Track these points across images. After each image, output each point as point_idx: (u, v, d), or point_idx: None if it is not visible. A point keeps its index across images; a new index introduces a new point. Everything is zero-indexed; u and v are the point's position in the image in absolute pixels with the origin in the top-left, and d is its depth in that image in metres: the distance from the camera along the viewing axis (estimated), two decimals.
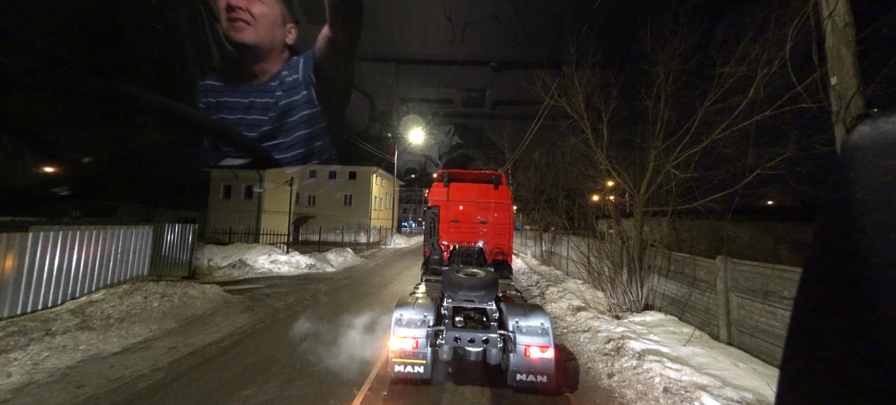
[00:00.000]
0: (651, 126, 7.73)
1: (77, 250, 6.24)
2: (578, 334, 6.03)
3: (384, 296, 9.45)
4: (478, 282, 4.50)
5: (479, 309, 4.47)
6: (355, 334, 6.11)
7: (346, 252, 17.05)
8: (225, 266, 11.67)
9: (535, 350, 3.85)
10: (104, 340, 5.03)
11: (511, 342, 3.92)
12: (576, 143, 9.94)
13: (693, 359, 4.30)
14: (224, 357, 5.07)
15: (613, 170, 8.07)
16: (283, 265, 12.66)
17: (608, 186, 8.86)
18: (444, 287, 4.73)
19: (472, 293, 4.46)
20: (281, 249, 14.11)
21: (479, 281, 4.53)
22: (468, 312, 4.45)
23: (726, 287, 4.84)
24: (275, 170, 24.67)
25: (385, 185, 35.04)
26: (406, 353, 3.98)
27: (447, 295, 4.60)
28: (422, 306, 4.26)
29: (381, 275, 13.14)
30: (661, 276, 6.82)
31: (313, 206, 30.37)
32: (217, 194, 23.96)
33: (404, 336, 3.99)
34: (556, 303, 8.02)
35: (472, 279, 4.56)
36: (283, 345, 5.58)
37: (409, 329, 4.02)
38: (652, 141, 7.32)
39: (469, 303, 4.47)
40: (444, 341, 4.02)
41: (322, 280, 11.59)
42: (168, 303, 6.64)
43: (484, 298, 4.48)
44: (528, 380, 3.86)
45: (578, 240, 11.80)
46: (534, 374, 3.87)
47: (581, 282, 10.54)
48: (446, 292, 4.63)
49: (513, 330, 3.96)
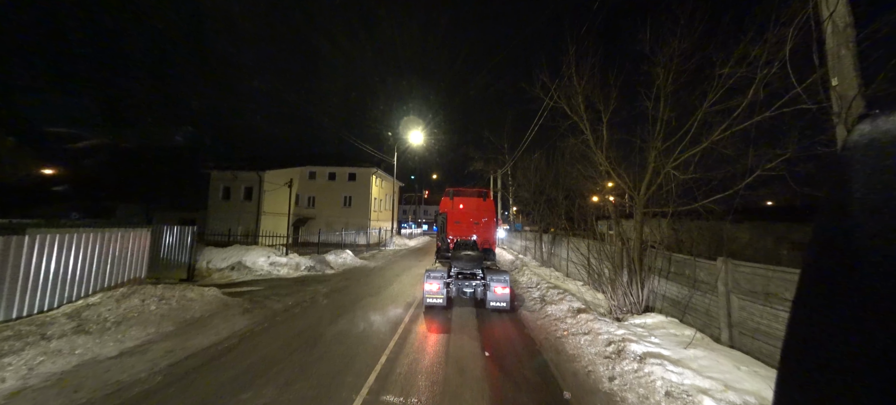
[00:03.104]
0: (650, 127, 7.72)
1: (74, 253, 6.19)
2: (579, 337, 6.00)
3: (384, 298, 9.41)
4: (471, 258, 8.47)
5: (472, 273, 8.28)
6: (354, 338, 6.08)
7: (346, 253, 17.01)
8: (224, 268, 11.62)
9: (499, 289, 7.61)
10: (101, 344, 4.99)
11: (488, 287, 7.68)
12: (575, 144, 9.92)
13: (695, 362, 4.26)
14: (222, 360, 5.04)
15: (613, 171, 8.06)
16: (282, 267, 12.62)
17: (608, 187, 8.83)
18: (452, 261, 8.62)
19: (468, 263, 8.34)
20: (280, 251, 14.07)
21: (472, 257, 8.50)
22: (465, 273, 8.28)
23: (727, 289, 4.81)
24: (274, 171, 24.61)
25: (385, 186, 35.01)
26: (433, 292, 7.62)
27: (454, 265, 8.47)
28: (441, 270, 8.08)
29: (381, 276, 13.10)
30: (661, 278, 6.79)
31: (313, 208, 30.32)
32: (216, 195, 23.89)
33: (432, 283, 7.62)
34: (556, 306, 7.99)
35: (469, 256, 8.50)
36: (282, 347, 5.55)
37: (434, 281, 7.63)
38: (651, 142, 7.31)
39: (466, 269, 8.32)
40: (452, 286, 7.97)
41: (321, 281, 11.55)
42: (166, 305, 6.60)
43: (474, 267, 8.33)
44: (496, 305, 7.68)
45: (578, 241, 11.78)
46: (499, 301, 7.64)
47: (581, 284, 10.51)
48: (453, 264, 8.51)
49: (489, 280, 7.69)
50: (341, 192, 30.63)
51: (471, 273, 8.28)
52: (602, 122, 8.82)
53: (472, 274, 8.26)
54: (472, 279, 8.10)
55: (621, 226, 8.57)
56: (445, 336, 6.32)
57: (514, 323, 7.32)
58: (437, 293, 7.60)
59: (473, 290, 8.00)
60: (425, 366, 4.95)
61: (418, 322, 7.20)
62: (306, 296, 9.37)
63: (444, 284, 7.66)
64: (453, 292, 8.03)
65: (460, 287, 7.99)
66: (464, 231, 12.45)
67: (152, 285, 7.10)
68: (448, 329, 6.76)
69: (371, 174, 30.50)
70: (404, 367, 4.90)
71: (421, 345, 5.80)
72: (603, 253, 8.08)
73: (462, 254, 8.61)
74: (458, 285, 8.00)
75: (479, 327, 6.90)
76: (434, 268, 8.22)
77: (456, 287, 8.01)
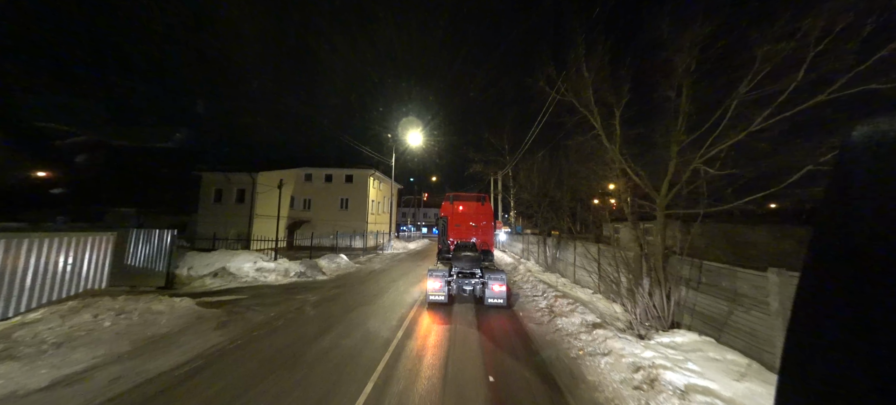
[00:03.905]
0: (671, 120, 6.93)
1: (12, 261, 5.38)
2: (597, 358, 5.18)
3: (378, 308, 8.59)
4: (471, 258, 8.96)
5: (472, 272, 8.75)
6: (341, 357, 5.27)
7: (340, 258, 16.19)
8: (206, 275, 10.80)
9: (496, 286, 8.15)
10: (30, 372, 4.17)
11: (486, 285, 8.20)
12: (584, 142, 9.13)
13: (752, 400, 3.45)
14: (179, 389, 4.22)
15: (630, 169, 7.26)
16: (270, 273, 11.80)
17: (621, 187, 8.03)
18: (453, 261, 9.15)
19: (467, 263, 8.88)
20: (268, 256, 13.25)
21: (471, 257, 8.98)
22: (465, 272, 8.75)
23: (783, 306, 3.99)
24: (268, 172, 23.81)
25: (383, 188, 34.21)
26: (435, 289, 8.23)
27: (454, 265, 9.00)
28: (442, 269, 8.74)
29: (376, 283, 12.28)
30: (690, 289, 5.97)
31: (309, 210, 29.50)
32: (208, 198, 23.06)
33: (435, 280, 8.23)
34: (567, 318, 7.17)
35: (468, 256, 8.98)
36: (256, 370, 4.73)
37: (436, 279, 8.23)
38: (674, 134, 6.52)
39: (466, 268, 8.82)
40: (453, 284, 8.57)
41: (311, 289, 10.73)
42: (125, 320, 5.78)
43: (473, 266, 8.85)
44: (494, 302, 8.19)
45: (587, 245, 10.97)
46: (496, 298, 8.17)
47: (591, 292, 9.68)
48: (454, 264, 9.03)
49: (487, 279, 8.22)
50: (338, 194, 29.82)
51: (470, 272, 8.89)
52: (614, 116, 8.06)
53: (471, 273, 8.88)
54: (471, 278, 8.74)
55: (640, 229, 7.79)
56: (443, 354, 5.51)
57: (520, 338, 6.49)
58: (439, 291, 8.31)
59: (473, 288, 8.70)
60: (420, 395, 4.14)
61: (413, 337, 6.39)
62: (292, 307, 8.56)
63: (445, 283, 8.38)
64: (454, 290, 8.75)
65: (460, 285, 8.66)
66: (463, 233, 12.96)
67: (111, 297, 6.28)
68: (446, 343, 5.94)
69: (368, 176, 29.71)
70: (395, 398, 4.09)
71: (415, 368, 4.99)
72: (617, 259, 7.28)
73: (462, 254, 9.15)
74: (459, 283, 8.67)
75: (481, 345, 6.08)
76: (436, 268, 8.93)
77: (456, 285, 8.69)
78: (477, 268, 8.91)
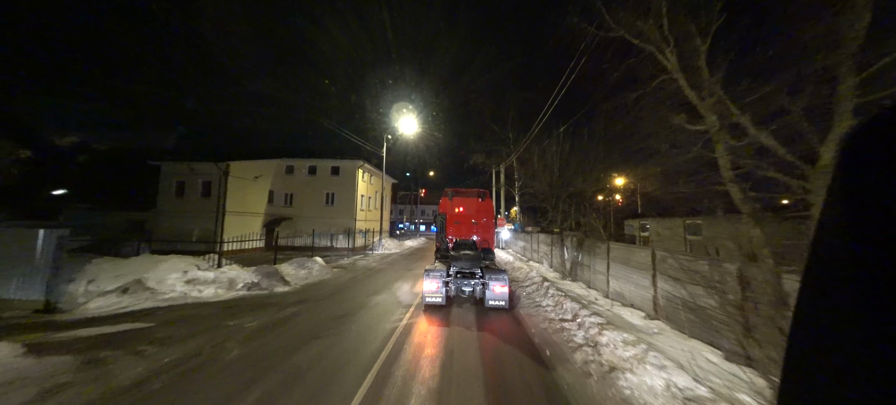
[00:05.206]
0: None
1: None
2: None
3: (346, 341, 5.74)
4: (470, 257, 8.55)
5: (471, 272, 8.40)
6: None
7: (313, 262, 13.31)
8: (112, 290, 7.91)
9: (498, 287, 7.76)
10: None
11: (487, 285, 7.81)
12: (641, 96, 6.24)
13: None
14: None
15: (738, 113, 4.40)
16: (207, 286, 8.91)
17: (713, 154, 5.15)
18: (452, 260, 8.68)
19: (467, 263, 8.48)
20: (209, 262, 10.33)
21: (471, 256, 8.57)
22: (465, 272, 8.40)
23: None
24: (241, 162, 20.86)
25: (374, 182, 31.27)
26: (432, 291, 7.77)
27: (453, 264, 8.58)
28: (440, 268, 8.39)
29: (352, 297, 9.41)
30: None
31: (291, 206, 26.57)
32: (168, 192, 20.07)
33: (431, 281, 7.77)
34: (634, 374, 4.32)
35: (468, 255, 8.58)
36: None
37: (433, 280, 7.79)
38: (846, 36, 3.63)
39: (466, 268, 8.45)
40: (452, 285, 8.12)
41: (260, 307, 7.87)
42: None
43: (473, 266, 8.48)
44: (495, 303, 7.80)
45: (631, 249, 8.16)
46: (497, 300, 7.78)
47: (644, 316, 6.82)
48: (453, 263, 8.60)
49: (488, 279, 7.86)
50: (323, 188, 26.88)
51: (470, 272, 8.39)
52: (699, 53, 5.23)
53: (470, 273, 8.37)
54: (470, 278, 8.23)
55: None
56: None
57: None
58: (436, 292, 7.76)
59: (472, 289, 8.14)
60: None
61: (388, 384, 3.55)
62: (213, 342, 5.71)
63: (443, 283, 7.85)
64: (452, 291, 8.16)
65: (459, 286, 8.14)
66: (463, 231, 12.36)
67: None
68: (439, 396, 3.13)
69: (357, 168, 26.77)
70: None
71: None
72: (724, 273, 4.42)
73: (461, 253, 8.66)
74: (458, 284, 8.15)
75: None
76: (433, 268, 8.42)
77: (455, 286, 8.16)
78: (477, 268, 8.44)
